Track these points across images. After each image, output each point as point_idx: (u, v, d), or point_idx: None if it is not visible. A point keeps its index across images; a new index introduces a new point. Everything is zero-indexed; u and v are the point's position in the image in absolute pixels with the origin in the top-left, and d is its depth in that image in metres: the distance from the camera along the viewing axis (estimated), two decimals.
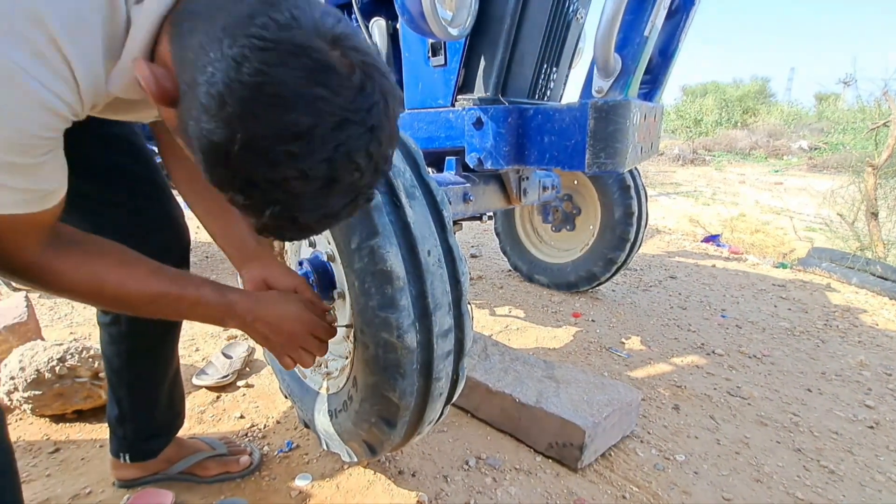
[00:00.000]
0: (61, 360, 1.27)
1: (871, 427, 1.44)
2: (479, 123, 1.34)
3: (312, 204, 0.48)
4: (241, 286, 0.94)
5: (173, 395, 1.07)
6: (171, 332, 1.02)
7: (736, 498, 1.14)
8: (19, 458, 1.17)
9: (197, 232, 2.34)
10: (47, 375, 1.24)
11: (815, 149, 12.72)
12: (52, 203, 0.56)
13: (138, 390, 1.00)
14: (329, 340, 0.78)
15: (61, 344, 1.32)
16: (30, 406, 1.27)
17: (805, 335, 2.10)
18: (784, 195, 7.62)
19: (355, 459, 1.00)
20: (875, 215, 3.88)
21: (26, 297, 1.60)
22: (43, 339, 1.51)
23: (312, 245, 1.08)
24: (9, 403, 1.31)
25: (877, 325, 2.26)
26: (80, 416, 1.32)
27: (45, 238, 0.59)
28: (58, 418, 1.31)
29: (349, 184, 0.48)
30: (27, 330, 1.50)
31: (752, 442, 1.34)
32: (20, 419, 1.31)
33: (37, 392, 1.25)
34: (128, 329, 0.95)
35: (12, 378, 1.26)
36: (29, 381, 1.25)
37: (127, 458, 1.04)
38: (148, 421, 1.03)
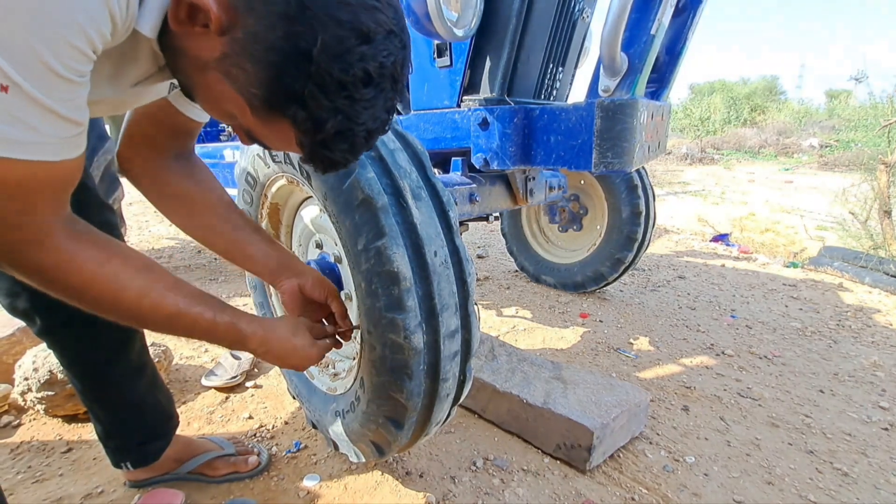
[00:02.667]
0: None
1: (886, 429, 1.41)
2: (484, 124, 1.34)
3: (368, 115, 0.50)
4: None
5: (156, 399, 1.04)
6: (126, 341, 0.96)
7: (747, 500, 1.12)
8: (33, 458, 1.19)
9: None
10: (60, 376, 1.26)
11: (826, 146, 12.55)
12: (80, 150, 0.49)
13: (112, 404, 0.98)
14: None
15: None
16: (43, 406, 1.29)
17: (817, 335, 2.07)
18: (794, 194, 7.53)
19: (363, 460, 1.00)
20: (888, 213, 3.82)
21: None
22: None
23: (319, 246, 1.09)
24: (23, 404, 1.33)
25: (891, 324, 2.23)
26: None
27: (63, 207, 0.51)
28: (70, 418, 1.32)
29: (390, 96, 0.52)
30: None
31: (763, 444, 1.33)
32: (34, 419, 1.33)
33: (50, 392, 1.27)
34: (77, 344, 0.90)
35: (26, 379, 1.28)
36: (42, 381, 1.27)
37: (129, 465, 1.04)
38: (136, 428, 1.01)
